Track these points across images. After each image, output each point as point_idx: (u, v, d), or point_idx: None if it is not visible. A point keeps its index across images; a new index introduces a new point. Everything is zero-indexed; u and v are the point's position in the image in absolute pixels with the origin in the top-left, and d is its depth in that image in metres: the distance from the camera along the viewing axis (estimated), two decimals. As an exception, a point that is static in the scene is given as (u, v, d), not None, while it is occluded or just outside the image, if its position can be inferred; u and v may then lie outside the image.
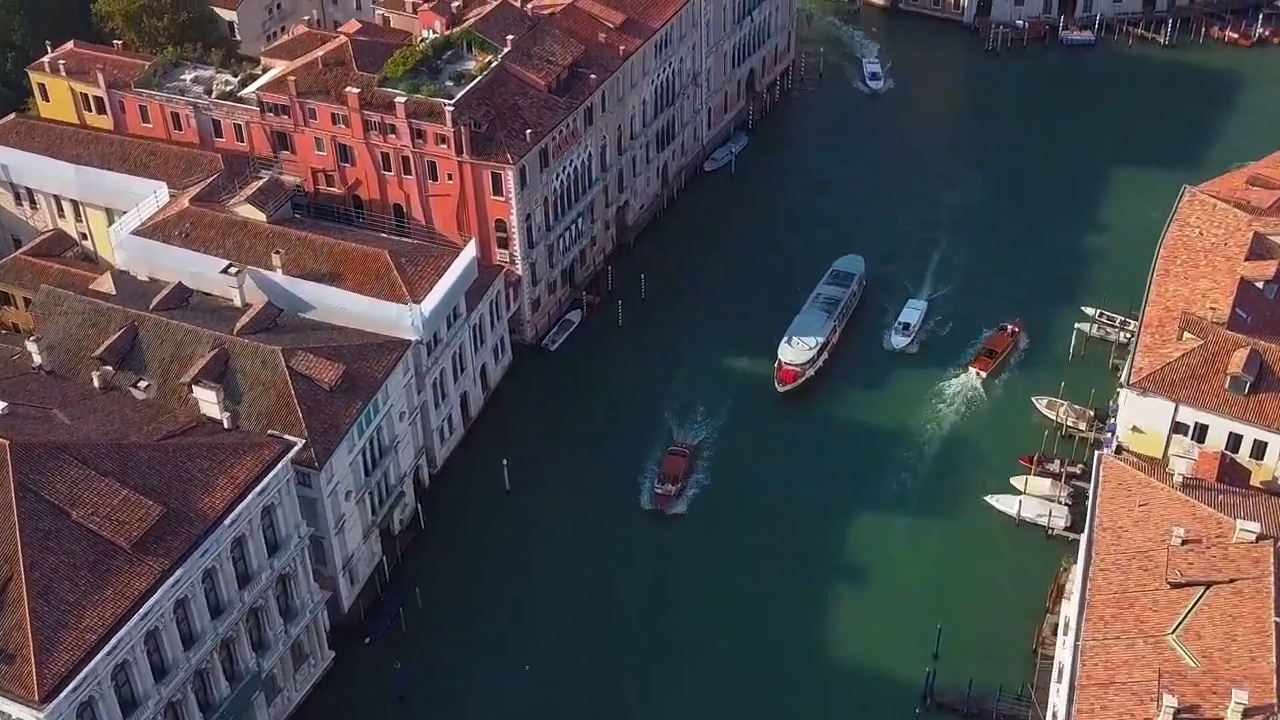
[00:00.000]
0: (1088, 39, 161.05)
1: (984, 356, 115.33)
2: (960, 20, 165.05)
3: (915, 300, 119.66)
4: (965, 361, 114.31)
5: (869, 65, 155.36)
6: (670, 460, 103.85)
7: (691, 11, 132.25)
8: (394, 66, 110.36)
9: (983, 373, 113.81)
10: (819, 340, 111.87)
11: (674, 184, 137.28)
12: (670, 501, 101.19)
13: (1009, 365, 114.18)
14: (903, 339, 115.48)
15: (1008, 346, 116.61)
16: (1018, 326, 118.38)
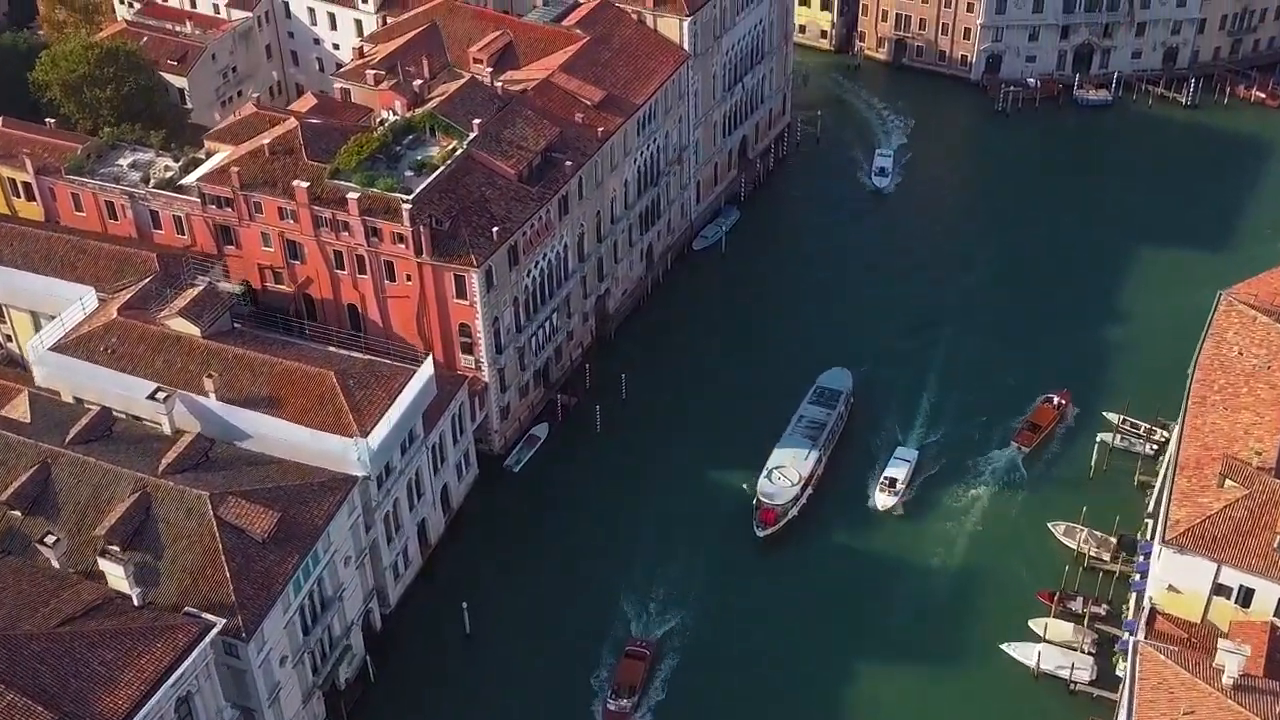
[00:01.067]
0: (1104, 99, 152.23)
1: (1027, 431, 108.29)
2: (967, 77, 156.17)
3: (904, 450, 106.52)
4: (1008, 436, 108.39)
5: (880, 157, 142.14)
6: (626, 666, 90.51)
7: (678, 83, 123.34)
8: (348, 156, 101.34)
9: (1025, 448, 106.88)
10: (801, 475, 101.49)
11: (659, 266, 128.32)
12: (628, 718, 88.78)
13: (1025, 482, 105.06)
14: (890, 498, 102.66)
15: (1054, 420, 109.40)
16: (1065, 398, 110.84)
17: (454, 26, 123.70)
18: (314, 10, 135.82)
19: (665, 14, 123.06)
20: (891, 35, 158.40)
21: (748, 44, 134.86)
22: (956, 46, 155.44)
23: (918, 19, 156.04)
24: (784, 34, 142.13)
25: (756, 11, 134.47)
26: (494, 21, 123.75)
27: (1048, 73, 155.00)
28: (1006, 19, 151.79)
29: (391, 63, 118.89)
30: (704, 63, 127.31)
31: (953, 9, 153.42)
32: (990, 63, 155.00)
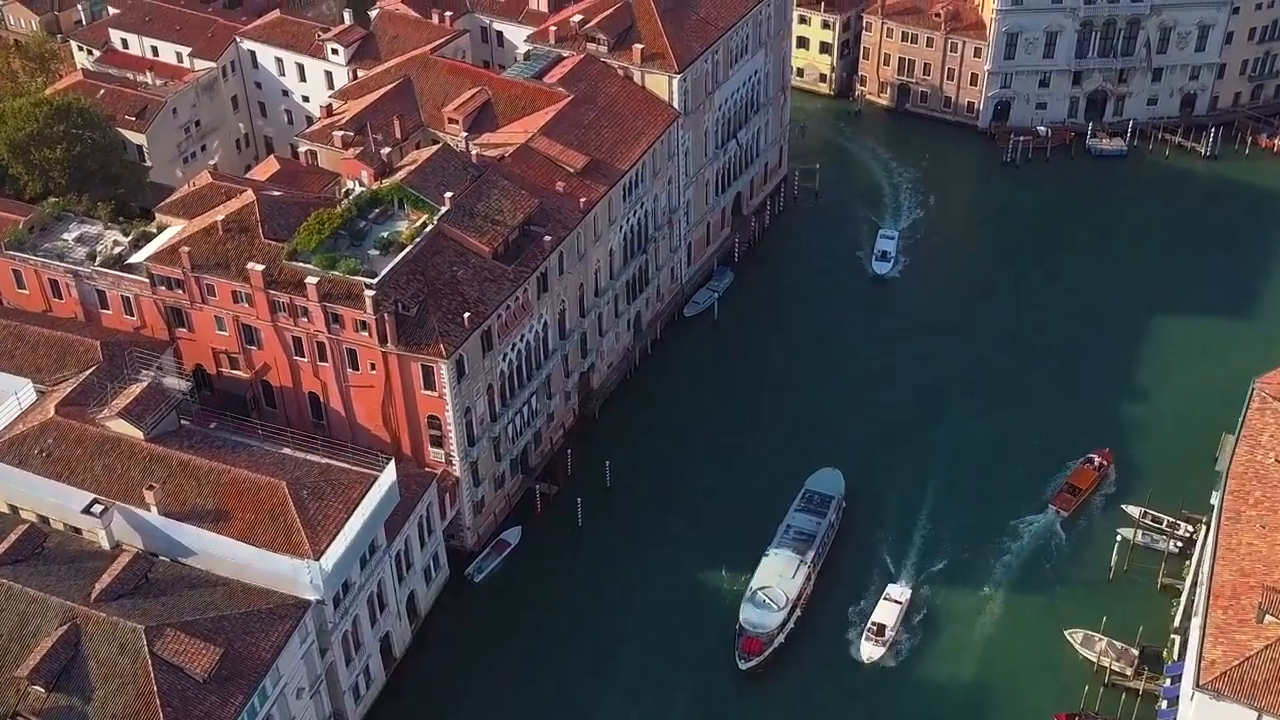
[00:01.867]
0: (1119, 149, 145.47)
1: (1066, 493, 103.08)
2: (974, 124, 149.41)
3: (896, 586, 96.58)
4: (1046, 498, 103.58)
5: (883, 240, 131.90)
6: None
7: (667, 143, 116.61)
8: (307, 234, 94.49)
9: (1064, 511, 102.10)
10: (789, 596, 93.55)
11: (648, 335, 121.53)
12: None
13: (1041, 585, 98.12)
14: (877, 648, 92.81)
15: (1094, 482, 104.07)
16: (1106, 458, 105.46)
17: (428, 82, 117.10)
18: (281, 60, 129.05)
19: (653, 70, 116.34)
20: (894, 80, 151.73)
21: (742, 96, 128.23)
22: (963, 93, 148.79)
23: (921, 64, 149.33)
24: (781, 85, 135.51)
25: (752, 63, 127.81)
26: (471, 77, 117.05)
27: (1059, 120, 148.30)
28: (1016, 65, 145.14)
29: (360, 123, 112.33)
30: (695, 120, 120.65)
31: (959, 54, 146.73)
32: (999, 110, 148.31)
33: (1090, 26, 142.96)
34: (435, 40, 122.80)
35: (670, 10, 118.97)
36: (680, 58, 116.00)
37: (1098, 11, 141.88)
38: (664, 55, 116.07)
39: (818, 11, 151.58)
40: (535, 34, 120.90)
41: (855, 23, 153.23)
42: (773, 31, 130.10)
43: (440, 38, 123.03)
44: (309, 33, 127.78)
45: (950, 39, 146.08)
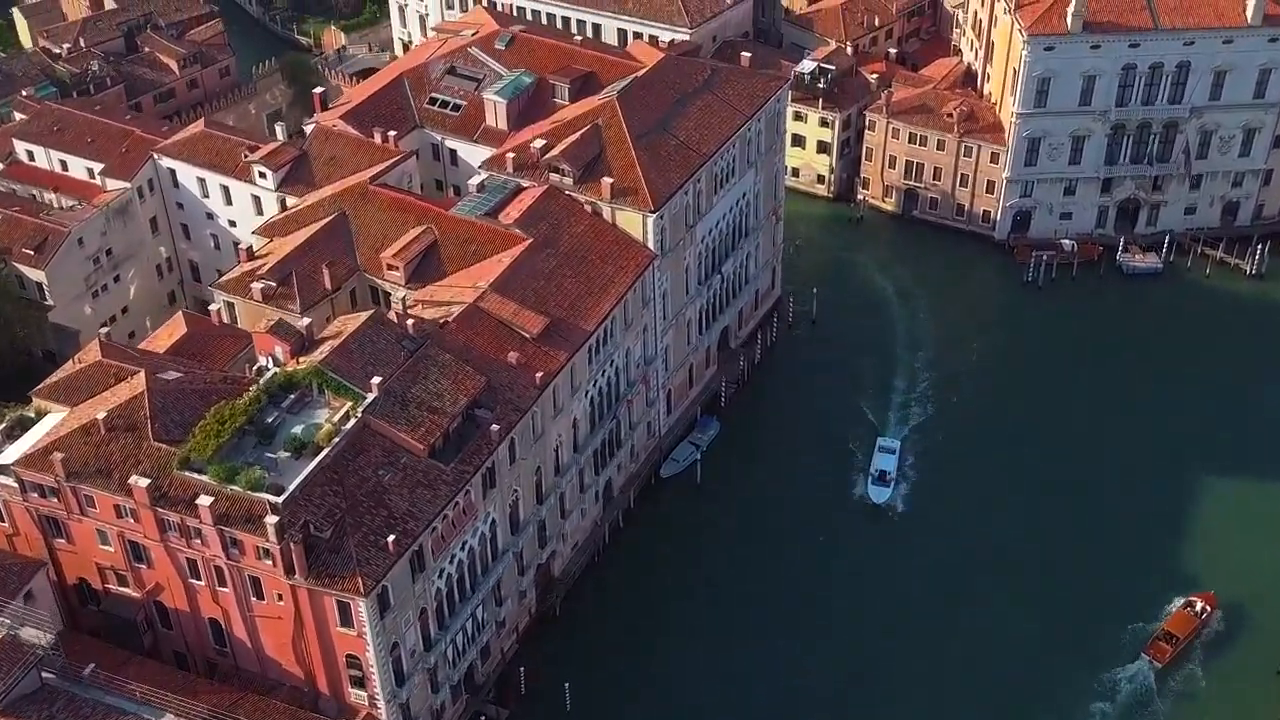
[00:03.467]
0: (1154, 266, 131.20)
1: (1161, 641, 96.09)
2: (990, 235, 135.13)
3: None
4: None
5: (881, 452, 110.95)
6: None
7: (641, 290, 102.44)
8: (204, 438, 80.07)
9: (1159, 662, 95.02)
10: None
11: (620, 504, 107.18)
12: None
13: None
14: None
15: (1194, 630, 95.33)
16: (1210, 603, 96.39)
17: (366, 218, 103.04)
18: (204, 181, 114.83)
19: (625, 207, 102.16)
20: (900, 184, 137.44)
21: (729, 223, 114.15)
22: (978, 200, 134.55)
23: (931, 168, 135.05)
24: (773, 205, 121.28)
25: (740, 186, 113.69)
26: (416, 213, 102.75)
27: (1086, 232, 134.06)
28: (1038, 171, 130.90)
29: (285, 270, 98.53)
30: (674, 258, 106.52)
31: (973, 159, 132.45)
32: (1018, 220, 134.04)
33: (1122, 131, 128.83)
34: (377, 164, 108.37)
35: (645, 135, 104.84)
36: (656, 193, 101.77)
37: (1130, 115, 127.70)
38: (637, 190, 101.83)
39: (815, 108, 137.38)
40: (491, 160, 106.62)
41: (857, 120, 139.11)
42: (763, 149, 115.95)
43: (383, 160, 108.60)
44: (234, 151, 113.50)
45: (964, 142, 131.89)
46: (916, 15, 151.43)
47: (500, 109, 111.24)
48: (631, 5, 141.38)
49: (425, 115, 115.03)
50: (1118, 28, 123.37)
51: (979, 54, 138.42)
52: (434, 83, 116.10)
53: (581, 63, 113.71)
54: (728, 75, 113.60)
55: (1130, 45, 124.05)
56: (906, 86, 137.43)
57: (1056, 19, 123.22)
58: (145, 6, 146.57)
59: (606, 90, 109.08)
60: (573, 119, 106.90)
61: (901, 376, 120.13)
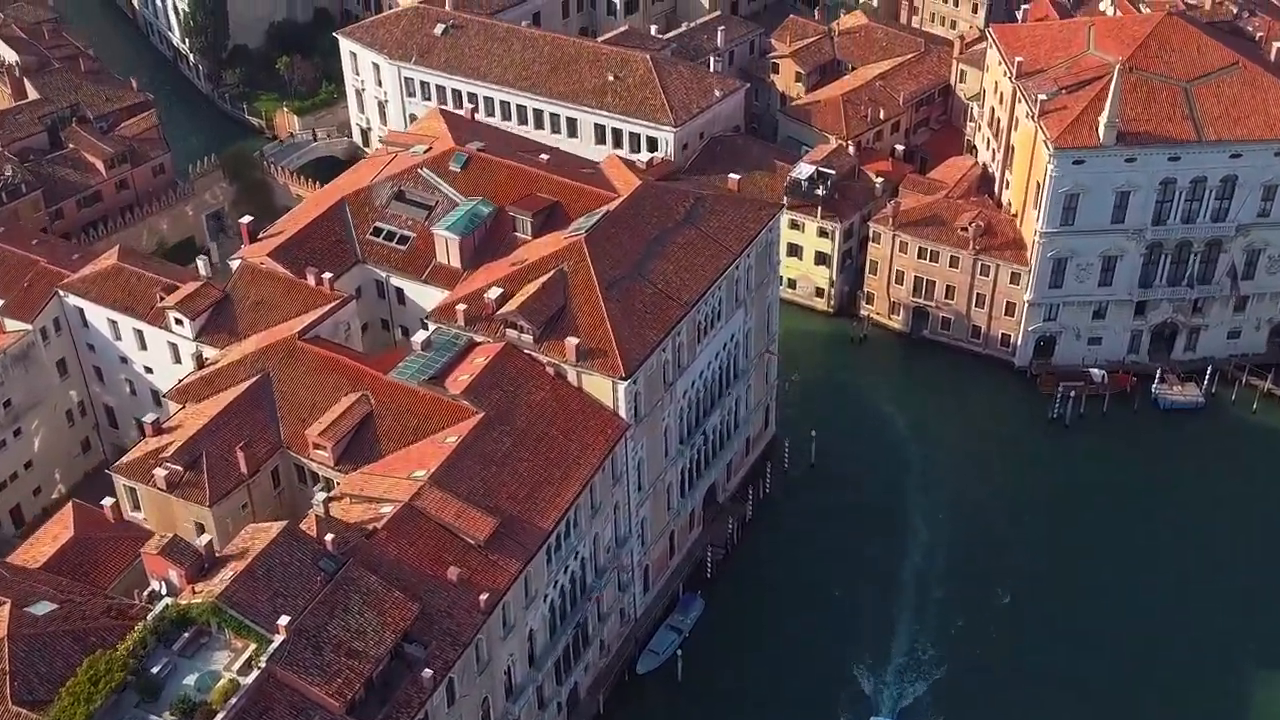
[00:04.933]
0: (1194, 400, 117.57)
1: None
2: (1010, 361, 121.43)
3: None
4: None
5: None
6: None
7: (612, 466, 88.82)
8: (72, 702, 66.34)
9: None
10: None
11: (588, 708, 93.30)
12: None
13: None
14: None
15: None
16: None
17: (293, 380, 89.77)
18: (116, 324, 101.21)
19: (592, 372, 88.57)
20: (908, 302, 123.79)
21: (715, 371, 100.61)
22: (996, 323, 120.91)
23: (943, 285, 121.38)
24: (766, 342, 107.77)
25: (728, 328, 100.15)
26: (350, 377, 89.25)
27: (1117, 359, 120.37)
28: (1063, 294, 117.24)
29: (195, 450, 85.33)
30: (651, 421, 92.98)
31: (991, 278, 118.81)
32: (1041, 345, 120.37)
33: (1159, 250, 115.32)
34: (310, 310, 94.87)
35: (617, 283, 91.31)
36: (629, 356, 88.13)
37: (1169, 234, 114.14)
38: (607, 352, 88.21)
39: (813, 216, 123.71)
40: (440, 310, 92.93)
41: (859, 228, 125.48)
42: (753, 284, 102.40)
43: (316, 306, 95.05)
44: (149, 291, 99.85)
45: (980, 260, 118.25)
46: (925, 104, 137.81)
47: (452, 246, 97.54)
48: (612, 100, 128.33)
49: (368, 248, 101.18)
50: (1156, 139, 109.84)
51: (996, 155, 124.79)
52: (379, 209, 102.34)
53: (547, 190, 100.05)
54: (713, 205, 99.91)
55: (1170, 159, 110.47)
56: (915, 193, 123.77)
57: (1086, 129, 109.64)
58: (72, 96, 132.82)
59: (574, 226, 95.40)
60: (535, 261, 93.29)
61: (913, 547, 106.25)
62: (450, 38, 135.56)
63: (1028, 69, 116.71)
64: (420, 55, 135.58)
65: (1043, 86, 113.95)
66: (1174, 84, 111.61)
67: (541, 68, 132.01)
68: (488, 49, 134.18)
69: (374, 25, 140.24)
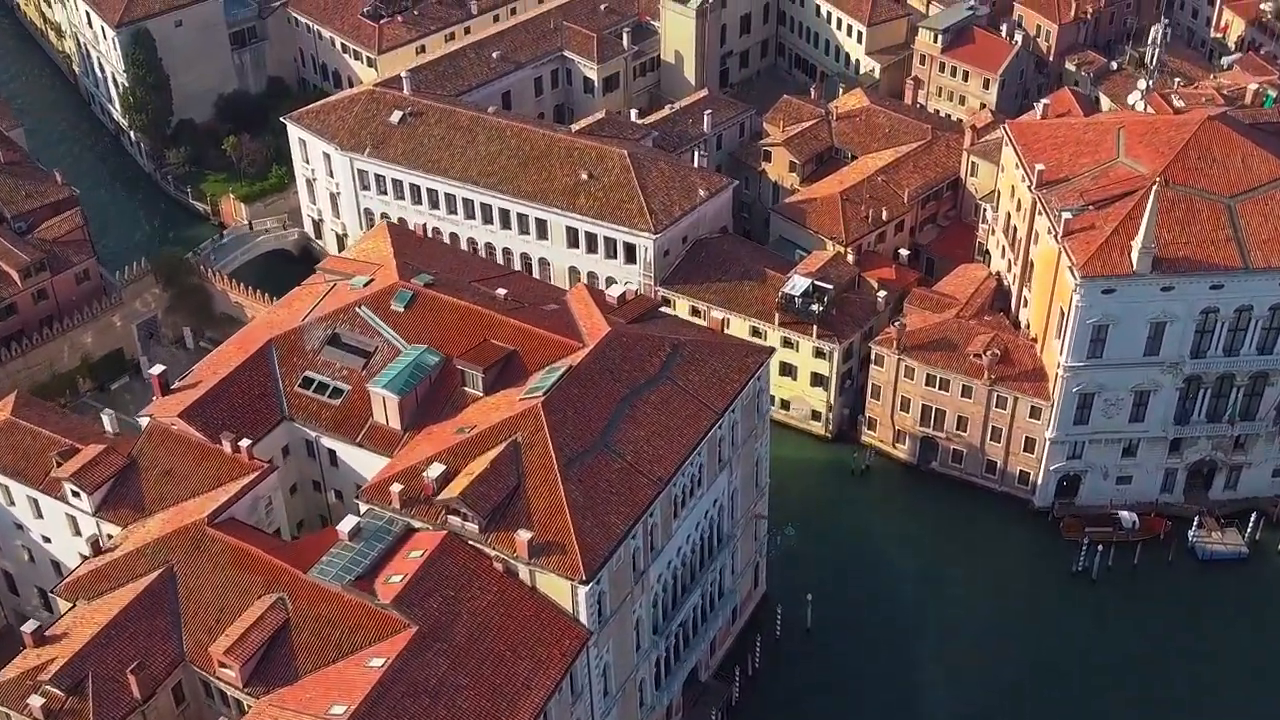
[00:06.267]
0: (1236, 550, 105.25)
1: None
2: (1029, 500, 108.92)
3: None
4: None
5: None
6: None
7: (571, 681, 76.13)
8: None
9: None
10: None
11: None
12: None
13: None
14: None
15: None
16: None
17: (200, 578, 77.74)
18: (8, 488, 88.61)
19: (547, 571, 75.95)
20: (915, 431, 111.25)
21: (696, 543, 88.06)
22: (1014, 459, 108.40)
23: (954, 416, 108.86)
24: (754, 496, 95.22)
25: (709, 495, 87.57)
26: (265, 575, 76.78)
27: (1149, 500, 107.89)
28: (1090, 431, 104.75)
29: (80, 669, 73.09)
30: (620, 618, 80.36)
31: (1008, 411, 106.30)
32: (1064, 485, 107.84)
33: (1197, 384, 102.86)
34: (225, 483, 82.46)
35: (579, 458, 78.80)
36: (590, 553, 75.53)
37: (1209, 367, 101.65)
38: (565, 548, 75.62)
39: (808, 335, 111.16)
40: (372, 490, 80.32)
41: (860, 346, 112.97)
42: (740, 440, 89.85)
43: (232, 479, 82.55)
44: (44, 453, 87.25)
45: (996, 391, 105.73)
46: (933, 199, 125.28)
47: (391, 405, 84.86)
48: (585, 202, 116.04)
49: (296, 402, 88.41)
50: (1197, 265, 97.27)
51: (1013, 267, 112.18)
52: (309, 355, 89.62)
53: (502, 335, 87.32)
54: (692, 353, 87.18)
55: (1212, 287, 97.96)
56: (922, 309, 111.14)
57: (1118, 254, 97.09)
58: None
59: (531, 385, 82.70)
60: (485, 430, 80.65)
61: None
62: (408, 127, 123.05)
63: (1049, 177, 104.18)
64: (375, 146, 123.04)
65: (1067, 201, 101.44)
66: (1216, 200, 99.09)
67: (508, 162, 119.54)
68: (449, 140, 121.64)
69: (324, 110, 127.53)
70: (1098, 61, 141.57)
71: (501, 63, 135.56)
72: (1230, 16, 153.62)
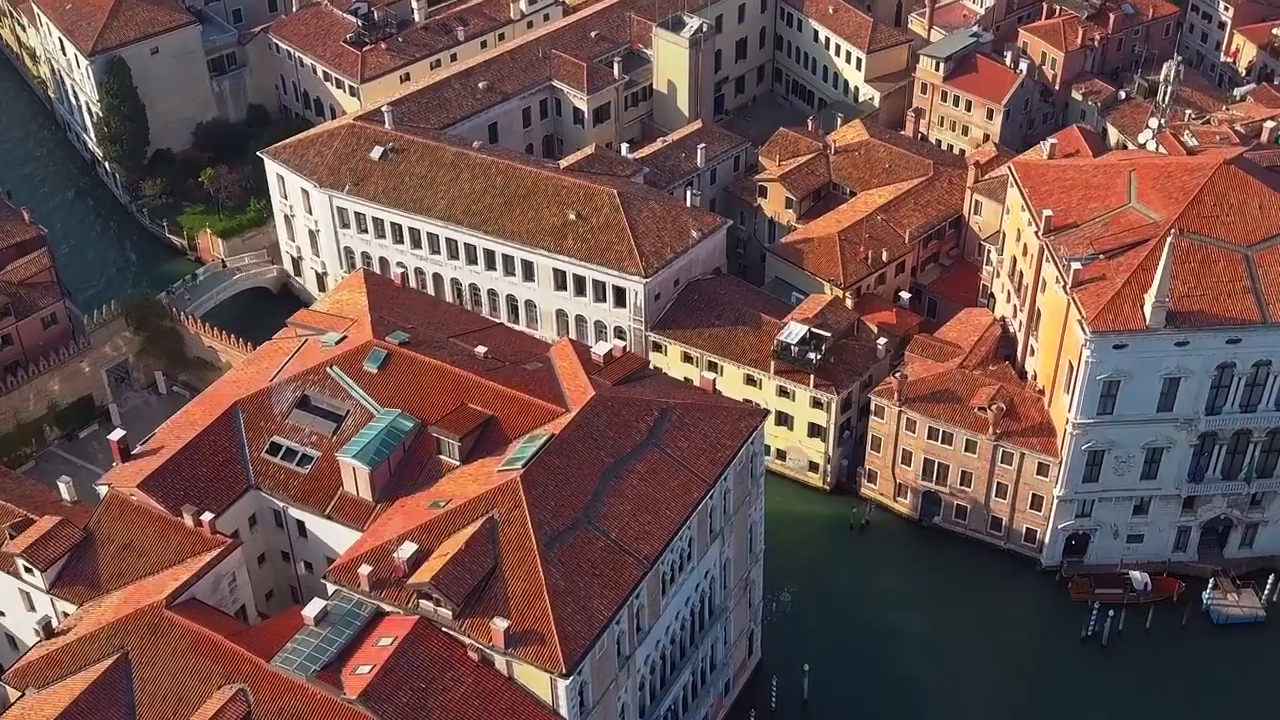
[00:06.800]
0: (1253, 614, 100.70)
1: None
2: (1036, 559, 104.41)
3: None
4: None
5: None
6: None
7: (548, 784, 71.67)
8: None
9: None
10: None
11: None
12: None
13: None
14: None
15: None
16: None
17: (157, 666, 74.00)
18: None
19: (527, 662, 71.36)
20: (918, 485, 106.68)
21: (686, 619, 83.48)
22: (1020, 516, 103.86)
23: (958, 470, 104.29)
24: (748, 565, 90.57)
25: (700, 568, 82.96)
26: (227, 663, 72.33)
27: (1161, 559, 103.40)
28: (1100, 488, 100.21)
29: (25, 770, 67.86)
30: (604, 708, 75.68)
31: (1014, 467, 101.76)
32: (1073, 543, 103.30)
33: (1213, 440, 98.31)
34: (186, 559, 78.04)
35: (560, 536, 74.43)
36: (571, 642, 71.00)
37: (1225, 424, 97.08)
38: (544, 637, 71.08)
39: (805, 386, 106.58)
40: (341, 570, 75.69)
41: (859, 395, 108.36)
42: (733, 508, 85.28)
43: (193, 555, 78.06)
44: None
45: (1001, 447, 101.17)
46: (935, 237, 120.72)
47: (361, 476, 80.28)
48: (573, 244, 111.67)
49: (263, 470, 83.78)
50: (1213, 319, 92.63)
51: (1017, 311, 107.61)
52: (277, 419, 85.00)
53: (480, 399, 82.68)
54: (682, 418, 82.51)
55: (1229, 341, 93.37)
56: (924, 358, 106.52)
57: (1129, 308, 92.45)
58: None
59: (510, 456, 78.00)
60: (461, 505, 76.09)
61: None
62: (389, 163, 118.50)
63: (1057, 223, 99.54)
64: (355, 183, 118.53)
65: (1076, 249, 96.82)
66: (1233, 250, 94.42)
67: (494, 201, 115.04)
68: (432, 177, 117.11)
69: (303, 145, 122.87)
70: (1105, 91, 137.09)
71: (488, 93, 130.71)
72: (1241, 41, 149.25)
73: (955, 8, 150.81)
